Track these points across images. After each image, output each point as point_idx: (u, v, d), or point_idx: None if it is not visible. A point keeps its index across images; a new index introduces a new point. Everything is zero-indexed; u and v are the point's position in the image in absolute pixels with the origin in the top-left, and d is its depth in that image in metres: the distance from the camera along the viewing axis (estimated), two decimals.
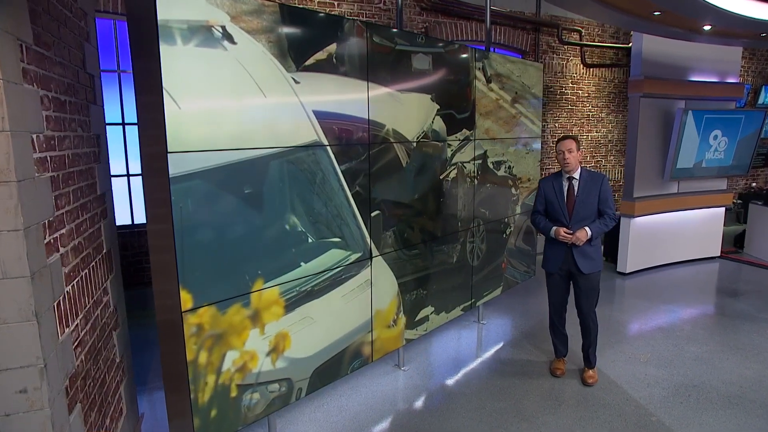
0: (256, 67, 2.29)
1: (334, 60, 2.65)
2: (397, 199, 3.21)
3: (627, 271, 5.94)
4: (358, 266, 2.94)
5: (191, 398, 2.19)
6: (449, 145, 3.62)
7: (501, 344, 4.13)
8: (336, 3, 5.33)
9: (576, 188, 3.26)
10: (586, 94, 7.20)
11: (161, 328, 2.26)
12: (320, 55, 2.58)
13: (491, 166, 4.08)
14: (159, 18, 1.93)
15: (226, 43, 2.16)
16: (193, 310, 2.16)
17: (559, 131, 7.04)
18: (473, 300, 4.12)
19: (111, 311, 2.62)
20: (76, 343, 2.04)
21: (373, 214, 3.00)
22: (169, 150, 2.01)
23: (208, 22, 2.09)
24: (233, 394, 2.36)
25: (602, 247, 3.47)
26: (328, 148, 2.66)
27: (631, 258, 5.90)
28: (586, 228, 3.21)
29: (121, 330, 2.74)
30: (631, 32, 6.15)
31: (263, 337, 2.45)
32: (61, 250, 1.94)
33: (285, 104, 2.43)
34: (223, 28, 2.15)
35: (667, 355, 3.89)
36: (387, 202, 3.13)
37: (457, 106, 3.62)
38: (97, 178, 2.51)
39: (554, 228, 3.29)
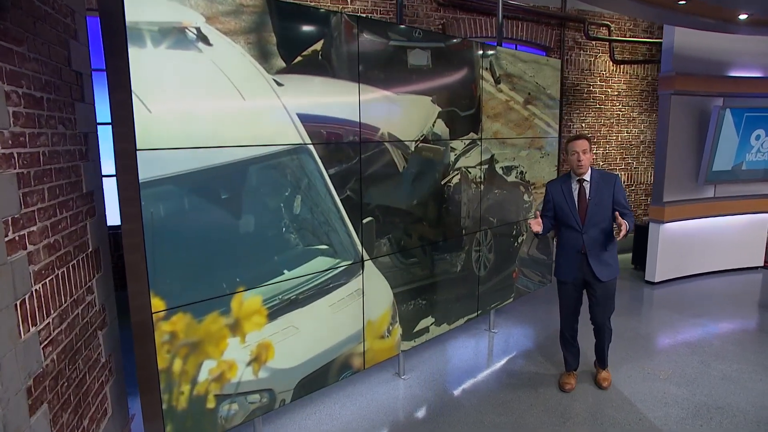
0: (233, 69, 2.22)
1: (320, 60, 2.56)
2: (393, 205, 3.09)
3: (656, 281, 5.60)
4: (348, 274, 2.84)
5: (163, 407, 2.15)
6: (453, 149, 3.47)
7: (510, 355, 3.94)
8: (349, 0, 5.24)
9: (588, 191, 3.04)
10: (616, 93, 6.84)
11: (135, 331, 2.23)
12: (305, 55, 2.49)
13: (500, 170, 3.90)
14: (127, 20, 1.89)
15: (200, 44, 2.11)
16: (166, 317, 2.11)
17: (586, 132, 6.72)
18: (479, 311, 3.95)
19: (97, 310, 2.62)
20: (46, 342, 2.02)
21: (365, 221, 2.89)
22: (138, 147, 1.97)
23: (182, 24, 2.04)
24: (210, 405, 2.31)
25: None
26: (314, 152, 2.57)
27: (660, 266, 5.56)
28: (624, 223, 2.87)
29: (108, 329, 2.74)
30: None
31: (244, 346, 2.39)
32: (30, 247, 1.93)
33: (266, 107, 2.36)
34: (198, 29, 2.10)
35: (690, 372, 3.61)
36: (382, 208, 3.01)
37: (461, 109, 3.46)
38: (83, 176, 2.51)
39: (530, 221, 3.05)
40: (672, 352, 3.95)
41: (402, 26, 3.13)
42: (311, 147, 2.55)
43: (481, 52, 3.56)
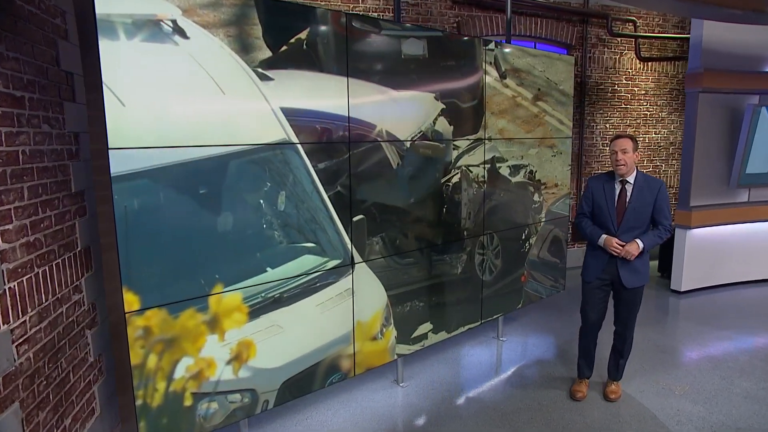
0: (212, 62, 2.19)
1: (305, 53, 2.50)
2: (387, 203, 3.00)
3: (682, 290, 5.28)
4: (337, 273, 2.77)
5: (136, 404, 2.12)
6: (456, 147, 3.36)
7: (517, 365, 3.77)
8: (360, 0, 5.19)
9: (629, 193, 2.95)
10: (643, 92, 6.54)
11: (112, 329, 2.22)
12: (289, 49, 2.44)
13: (507, 169, 3.74)
14: (97, 12, 1.87)
15: (177, 37, 2.08)
16: (140, 312, 2.09)
17: (610, 133, 6.44)
18: (483, 318, 3.79)
19: (85, 309, 2.63)
20: (20, 341, 2.03)
21: (355, 219, 2.81)
22: (110, 146, 1.96)
23: (157, 16, 2.02)
24: (187, 402, 2.27)
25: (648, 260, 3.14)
26: (299, 147, 2.51)
27: (687, 274, 5.24)
28: (638, 241, 2.90)
29: (99, 329, 2.75)
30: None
31: (223, 344, 2.34)
32: (4, 245, 1.94)
33: (248, 101, 2.32)
34: (174, 22, 2.07)
35: (710, 388, 3.36)
36: (375, 206, 2.93)
37: (463, 105, 3.34)
38: (71, 175, 2.53)
39: (605, 237, 2.97)
40: (691, 367, 3.70)
41: (396, 22, 3.04)
42: (296, 142, 2.49)
43: (484, 45, 3.43)
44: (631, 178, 2.97)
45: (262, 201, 2.42)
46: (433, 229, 3.32)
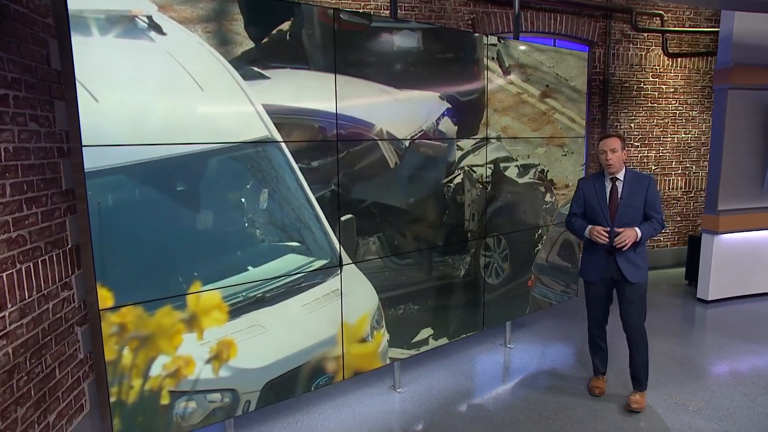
0: (190, 59, 2.17)
1: (289, 48, 2.46)
2: (383, 203, 2.93)
3: (709, 299, 4.97)
4: (324, 274, 2.71)
5: (111, 401, 2.12)
6: (460, 148, 3.25)
7: (522, 374, 3.61)
8: None
9: (620, 190, 2.99)
10: (672, 89, 6.22)
11: (91, 326, 2.22)
12: (273, 43, 2.40)
13: (516, 169, 3.60)
14: (70, 8, 1.88)
15: (153, 34, 2.08)
16: (114, 309, 2.08)
17: (636, 133, 6.16)
18: (485, 323, 3.66)
19: (75, 307, 2.66)
20: None
21: (344, 219, 2.75)
22: (83, 143, 1.96)
23: (131, 12, 2.02)
24: (164, 401, 2.26)
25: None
26: (283, 145, 2.47)
27: (714, 283, 4.93)
28: (636, 228, 2.89)
29: (89, 326, 2.78)
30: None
31: (202, 342, 2.32)
32: None
33: (228, 98, 2.29)
34: (150, 18, 2.06)
35: (728, 405, 3.12)
36: (370, 206, 2.86)
37: (463, 102, 3.23)
38: (62, 173, 2.57)
39: (589, 227, 2.99)
40: (711, 381, 3.45)
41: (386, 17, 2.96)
42: (279, 140, 2.45)
43: (486, 40, 3.31)
44: (620, 175, 3.01)
45: (243, 199, 2.39)
46: (434, 230, 3.22)
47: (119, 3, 1.98)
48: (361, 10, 5.01)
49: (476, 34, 3.30)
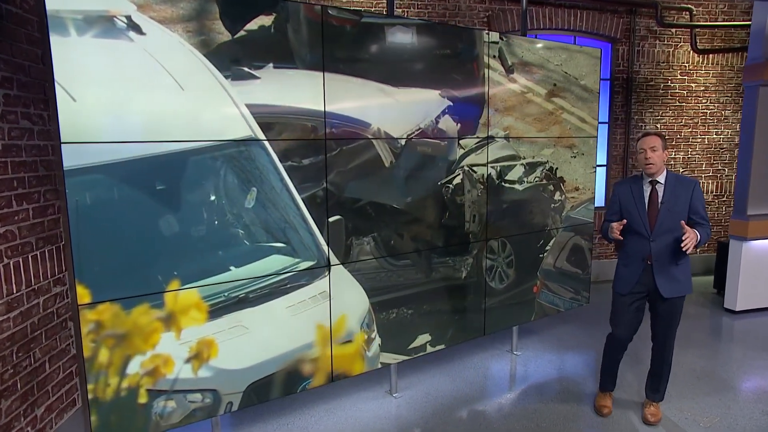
0: (171, 58, 2.17)
1: (274, 46, 2.43)
2: (377, 203, 2.87)
3: (737, 309, 4.67)
4: (311, 275, 2.67)
5: (89, 397, 2.14)
6: (462, 146, 3.16)
7: (527, 383, 3.47)
8: None
9: (661, 194, 2.74)
10: (702, 88, 5.90)
11: (74, 323, 2.25)
12: (255, 41, 2.38)
13: (522, 168, 3.47)
14: (48, 8, 1.91)
15: (132, 33, 2.09)
16: (91, 306, 2.10)
17: (662, 133, 5.86)
18: (486, 328, 3.53)
19: (68, 302, 2.72)
20: None
21: (332, 219, 2.70)
22: (62, 140, 1.99)
23: (109, 12, 2.03)
24: (142, 399, 2.26)
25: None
26: (267, 144, 2.44)
27: (743, 292, 4.63)
28: (696, 230, 2.62)
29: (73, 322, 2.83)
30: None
31: (181, 342, 2.32)
32: None
33: (209, 97, 2.28)
34: (129, 18, 2.07)
35: (744, 423, 2.90)
36: (363, 206, 2.81)
37: (465, 101, 3.14)
38: (55, 170, 2.63)
39: (609, 225, 2.77)
40: (728, 396, 3.22)
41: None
42: (263, 139, 2.43)
43: (486, 38, 3.20)
44: (661, 178, 2.76)
45: (224, 198, 2.38)
46: (432, 231, 3.13)
47: (97, 3, 2.00)
48: (372, 9, 4.97)
49: (476, 31, 3.20)
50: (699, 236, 2.60)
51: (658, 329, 2.84)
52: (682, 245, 2.55)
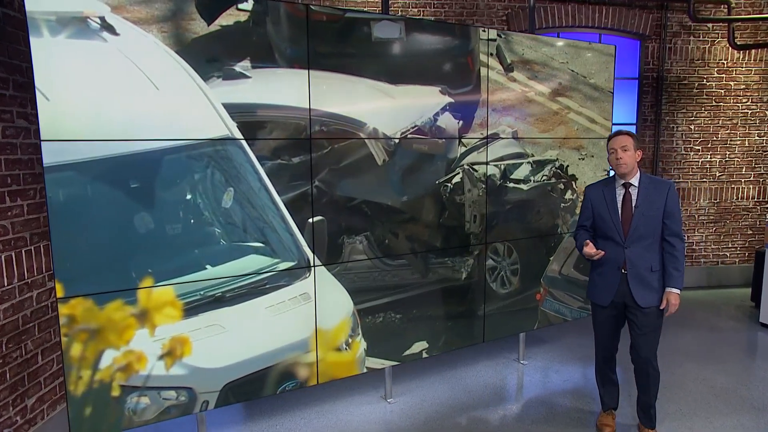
0: (145, 58, 2.21)
1: (252, 42, 2.42)
2: (367, 201, 2.82)
3: None
4: (291, 276, 2.64)
5: (67, 389, 2.19)
6: (463, 144, 3.07)
7: (532, 393, 3.32)
8: None
9: (634, 197, 2.58)
10: (742, 86, 5.48)
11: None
12: (232, 40, 2.38)
13: (527, 167, 3.32)
14: (27, 9, 1.97)
15: (105, 34, 2.13)
16: (65, 300, 2.16)
17: (696, 135, 5.51)
18: (486, 335, 3.39)
19: None
20: None
21: (314, 220, 2.67)
22: (42, 138, 2.05)
23: (83, 14, 2.08)
24: (115, 393, 2.30)
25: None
26: (244, 143, 2.44)
27: None
28: (672, 290, 2.54)
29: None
30: None
31: (154, 339, 2.34)
32: None
33: (185, 97, 2.30)
34: (102, 19, 2.12)
35: None
36: (353, 205, 2.78)
37: (461, 99, 3.04)
38: None
39: (584, 240, 2.61)
40: (746, 418, 2.95)
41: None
42: (239, 138, 2.43)
43: (483, 35, 3.08)
44: (635, 180, 2.59)
45: (201, 197, 2.39)
46: (429, 232, 3.05)
47: (71, 5, 2.06)
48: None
49: (472, 27, 3.09)
50: (679, 290, 2.51)
51: (639, 345, 2.63)
52: (666, 314, 2.52)
